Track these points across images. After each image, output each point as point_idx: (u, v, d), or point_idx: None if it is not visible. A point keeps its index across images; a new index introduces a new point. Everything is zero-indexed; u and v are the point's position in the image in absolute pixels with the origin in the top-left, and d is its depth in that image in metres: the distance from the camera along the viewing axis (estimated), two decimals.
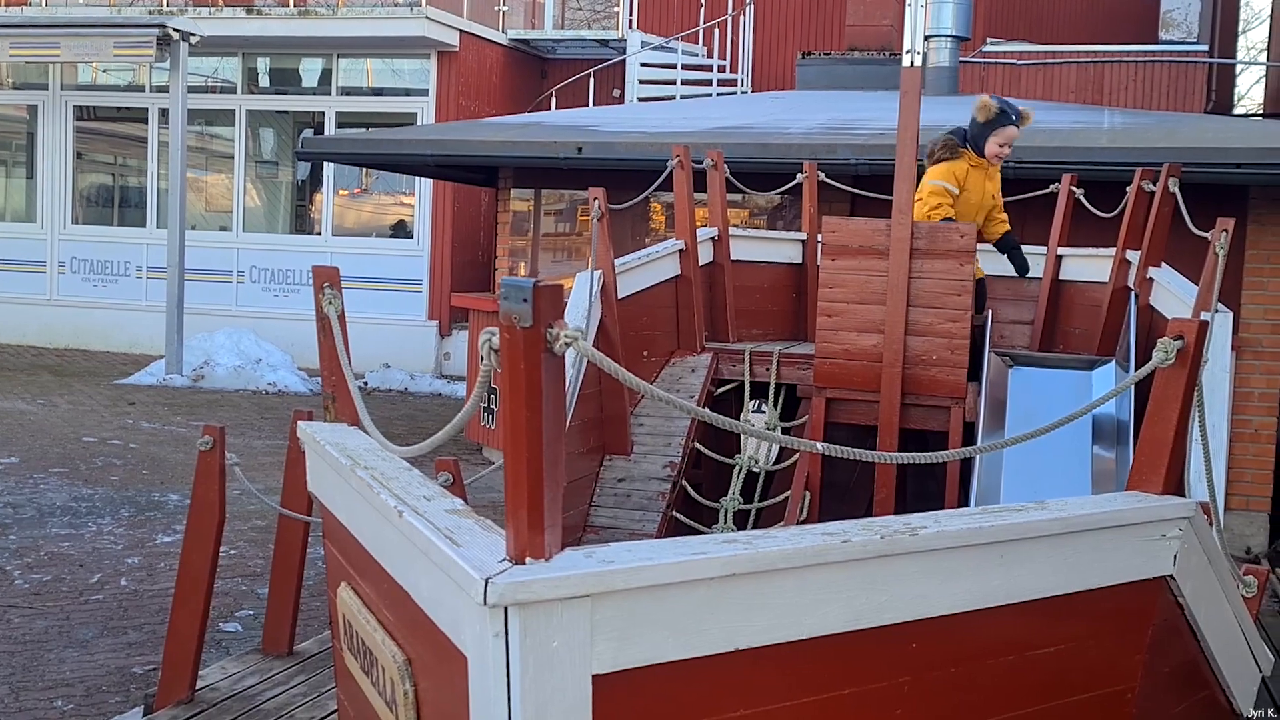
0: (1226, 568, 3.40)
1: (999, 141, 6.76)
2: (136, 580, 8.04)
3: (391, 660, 2.71)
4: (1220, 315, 5.66)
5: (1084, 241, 7.85)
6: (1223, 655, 3.50)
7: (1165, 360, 3.00)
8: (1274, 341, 10.35)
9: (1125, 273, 6.98)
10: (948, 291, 6.38)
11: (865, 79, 15.05)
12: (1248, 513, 10.23)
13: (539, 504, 2.16)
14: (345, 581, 3.17)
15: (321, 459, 3.38)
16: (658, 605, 2.24)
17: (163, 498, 10.22)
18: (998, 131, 6.75)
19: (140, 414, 14.16)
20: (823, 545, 2.43)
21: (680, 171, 7.27)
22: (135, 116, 20.26)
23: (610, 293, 6.44)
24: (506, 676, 2.12)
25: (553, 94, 19.63)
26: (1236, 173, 9.76)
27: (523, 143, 12.09)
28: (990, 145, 6.76)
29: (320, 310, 3.66)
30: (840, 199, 9.94)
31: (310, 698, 5.47)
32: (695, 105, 16.10)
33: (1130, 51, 17.85)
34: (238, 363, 16.80)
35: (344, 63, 19.40)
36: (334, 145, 15.14)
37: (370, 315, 17.72)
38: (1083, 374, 6.66)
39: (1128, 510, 2.95)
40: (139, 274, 19.62)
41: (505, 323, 2.14)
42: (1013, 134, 6.77)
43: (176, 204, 16.65)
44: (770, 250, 8.29)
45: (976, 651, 2.76)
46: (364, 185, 19.86)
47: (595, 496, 6.52)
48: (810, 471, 6.63)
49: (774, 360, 7.11)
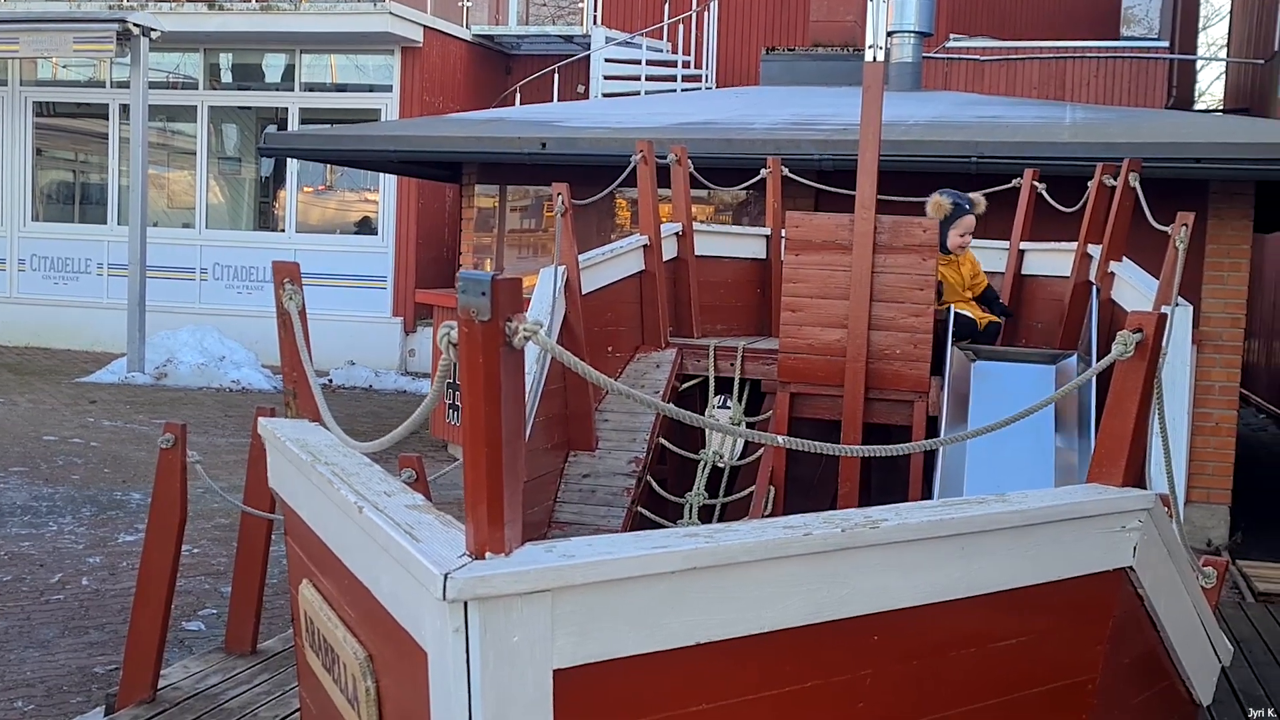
0: (1186, 559, 3.42)
1: (958, 233, 7.02)
2: (98, 580, 7.99)
3: (353, 657, 2.69)
4: (1180, 309, 5.69)
5: (1046, 236, 7.89)
6: (1182, 646, 3.52)
7: (1125, 353, 3.02)
8: (1234, 335, 10.44)
9: (1087, 267, 7.02)
10: (911, 286, 6.41)
11: (829, 75, 15.08)
12: (1209, 505, 10.31)
13: (499, 498, 2.15)
14: (307, 578, 3.15)
15: (282, 455, 3.36)
16: (619, 599, 2.23)
17: (125, 496, 10.15)
18: (955, 224, 7.00)
19: (102, 412, 14.06)
20: (784, 538, 2.43)
21: (644, 167, 7.27)
22: (96, 112, 20.11)
23: (574, 288, 6.43)
24: (467, 672, 2.11)
25: (517, 90, 19.59)
26: (1197, 168, 9.84)
27: (487, 139, 12.05)
28: (951, 238, 6.99)
29: (281, 305, 3.63)
30: (804, 194, 9.96)
31: (274, 696, 5.45)
32: (660, 101, 16.10)
33: (1092, 48, 17.96)
34: (201, 360, 16.70)
35: (307, 58, 19.30)
36: (297, 141, 15.06)
37: (335, 312, 17.66)
38: (1045, 368, 6.70)
39: (1087, 502, 2.96)
40: (100, 271, 19.48)
41: (464, 316, 2.13)
42: (970, 223, 7.04)
43: (138, 201, 16.53)
44: (734, 245, 8.30)
45: (938, 644, 2.77)
46: (328, 182, 19.77)
47: (560, 493, 6.51)
48: (774, 466, 6.64)
49: (738, 355, 7.11)
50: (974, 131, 10.87)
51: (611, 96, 18.11)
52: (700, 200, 11.95)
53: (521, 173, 12.56)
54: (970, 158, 10.16)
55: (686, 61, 19.62)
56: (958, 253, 7.05)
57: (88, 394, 15.21)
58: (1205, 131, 10.88)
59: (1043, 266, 7.67)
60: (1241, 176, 10.11)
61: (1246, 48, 23.93)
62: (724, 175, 9.40)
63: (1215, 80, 35.21)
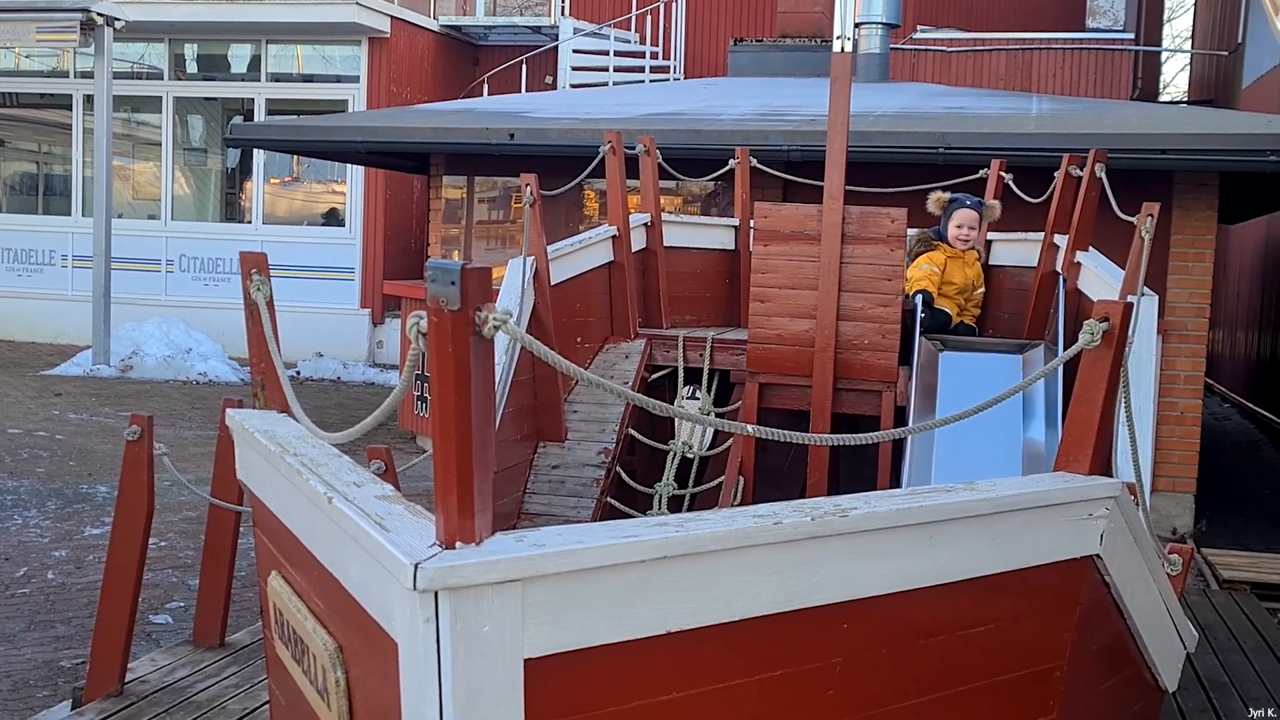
0: (1152, 547, 3.45)
1: (955, 224, 7.12)
2: (64, 573, 7.93)
3: (323, 648, 2.68)
4: (1146, 299, 5.73)
5: (1012, 226, 7.92)
6: (1148, 632, 3.55)
7: (1091, 342, 3.03)
8: (1199, 325, 10.51)
9: (1053, 257, 7.05)
10: (879, 276, 6.43)
11: (797, 65, 15.11)
12: (1174, 494, 10.39)
13: (469, 488, 2.15)
14: (276, 570, 3.14)
15: (250, 447, 3.35)
16: (589, 588, 2.23)
17: (91, 490, 10.08)
18: (952, 216, 7.12)
19: (67, 405, 13.96)
20: (754, 527, 2.44)
21: (613, 157, 7.25)
22: (59, 103, 19.94)
23: (543, 279, 6.41)
24: (437, 662, 2.11)
25: (485, 81, 19.54)
26: (1162, 159, 9.90)
27: (454, 129, 12.02)
28: (950, 230, 7.12)
29: (248, 297, 3.61)
30: (772, 185, 9.97)
31: (243, 689, 5.43)
32: (628, 92, 16.08)
33: (1058, 39, 18.05)
34: (167, 353, 16.60)
35: (273, 49, 19.19)
36: (264, 132, 14.97)
37: (302, 304, 17.57)
38: (1012, 357, 6.73)
39: (1054, 491, 2.98)
40: (65, 263, 19.34)
41: (433, 306, 2.12)
42: (967, 215, 7.11)
43: (103, 192, 16.39)
44: (703, 236, 8.30)
45: (907, 631, 2.78)
46: (295, 173, 19.68)
47: (529, 484, 6.50)
48: (744, 456, 6.65)
49: (707, 346, 7.12)
50: (941, 122, 10.91)
51: (580, 87, 18.09)
52: (669, 191, 11.95)
53: (489, 164, 12.52)
54: (937, 148, 10.20)
55: (654, 52, 19.62)
56: (956, 244, 7.11)
57: (53, 387, 15.10)
58: (1170, 123, 10.94)
59: (1009, 257, 7.71)
60: (1206, 167, 10.18)
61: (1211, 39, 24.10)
62: (692, 166, 9.40)
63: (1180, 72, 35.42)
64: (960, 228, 7.11)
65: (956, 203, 7.15)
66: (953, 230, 7.12)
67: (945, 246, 7.13)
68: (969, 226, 7.12)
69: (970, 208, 7.13)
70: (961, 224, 7.11)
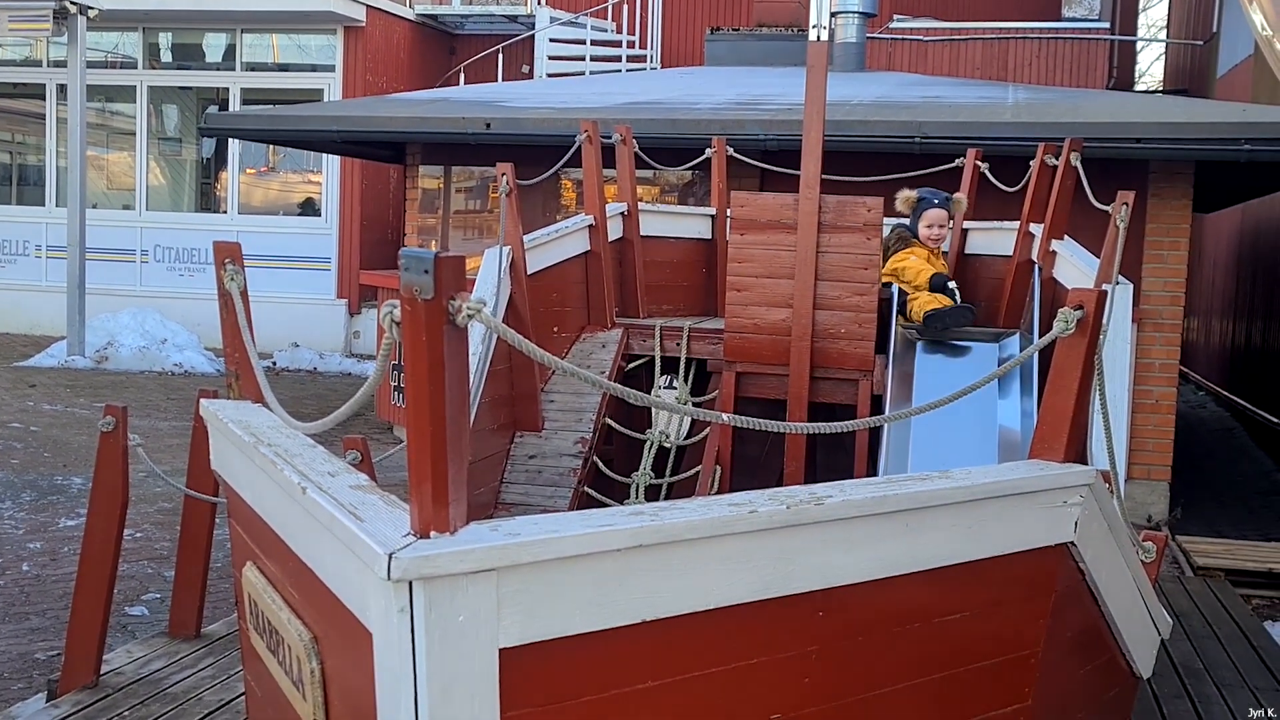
0: (1126, 534, 3.46)
1: (926, 224, 7.20)
2: (39, 565, 7.89)
3: (298, 639, 2.67)
4: (1121, 287, 5.74)
5: (988, 215, 7.94)
6: (1123, 619, 3.56)
7: (1066, 330, 3.04)
8: (1174, 314, 10.56)
9: (1029, 246, 7.07)
10: (855, 265, 6.43)
11: (773, 55, 15.11)
12: (1149, 482, 10.44)
13: (443, 477, 2.14)
14: (250, 561, 3.12)
15: (225, 437, 3.33)
16: (565, 578, 2.23)
17: (66, 481, 10.03)
18: (922, 216, 7.19)
19: (41, 396, 13.88)
20: (730, 516, 2.43)
21: (589, 146, 7.24)
22: (32, 93, 19.82)
23: (519, 268, 6.40)
24: (412, 652, 2.10)
25: (461, 70, 19.50)
26: (1137, 148, 9.93)
27: (430, 119, 11.98)
28: (921, 230, 7.20)
29: (222, 286, 3.59)
30: (749, 174, 9.97)
31: (219, 680, 5.41)
32: (605, 81, 16.04)
33: (1034, 29, 18.09)
34: (142, 343, 16.52)
35: (249, 38, 19.10)
36: (239, 121, 14.89)
37: (278, 294, 17.51)
38: (988, 346, 6.74)
39: (1029, 478, 2.98)
40: (38, 254, 19.23)
41: (406, 295, 2.11)
42: (937, 214, 7.19)
43: (76, 182, 16.30)
44: (680, 225, 8.29)
45: (883, 619, 2.78)
46: (271, 163, 19.60)
47: (506, 474, 6.49)
48: (720, 446, 6.66)
49: (684, 335, 7.11)
50: (917, 112, 10.92)
51: (556, 77, 18.05)
52: (646, 181, 11.94)
53: (466, 153, 12.49)
54: (914, 138, 10.21)
55: (631, 42, 19.60)
56: (928, 243, 7.19)
57: (27, 378, 15.01)
58: (1145, 112, 10.98)
59: (985, 245, 7.72)
60: (1181, 156, 10.22)
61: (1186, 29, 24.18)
62: (669, 155, 9.39)
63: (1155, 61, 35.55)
64: (931, 227, 7.20)
65: (925, 202, 7.23)
66: (924, 230, 7.20)
67: (919, 243, 7.20)
68: (939, 225, 7.22)
69: (939, 206, 7.21)
70: (932, 224, 7.19)
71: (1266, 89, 14.40)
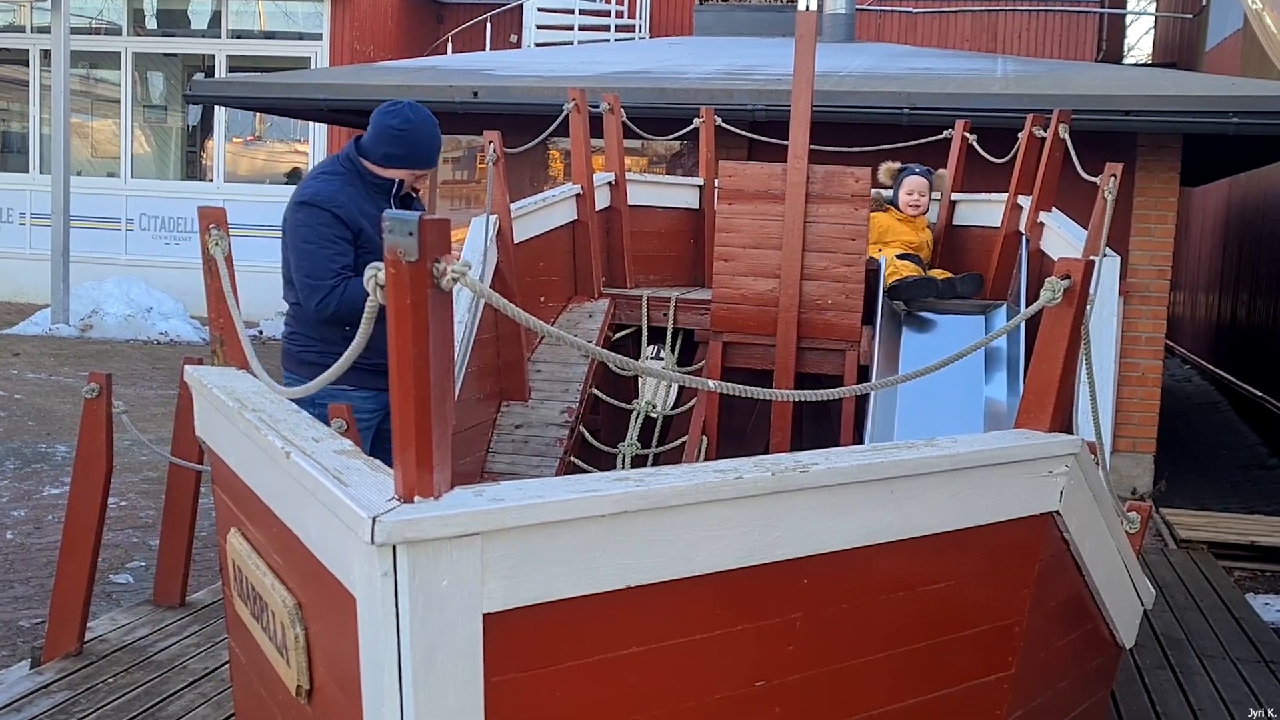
0: (1111, 504, 3.46)
1: (905, 191, 7.45)
2: (23, 534, 7.87)
3: (281, 605, 2.66)
4: (1108, 259, 5.75)
5: (976, 187, 7.94)
6: (1107, 589, 3.57)
7: (1053, 299, 3.04)
8: (1160, 287, 10.58)
9: (1017, 217, 7.07)
10: (843, 236, 6.43)
11: (762, 25, 15.07)
12: (1135, 454, 10.48)
13: (427, 441, 2.13)
14: (235, 527, 3.11)
15: (209, 403, 3.31)
16: (549, 543, 2.22)
17: (50, 449, 10.00)
18: (903, 184, 7.45)
19: (25, 364, 13.83)
20: (715, 482, 2.43)
21: (577, 115, 7.21)
22: (16, 59, 19.67)
23: (506, 237, 6.38)
24: (396, 616, 2.09)
25: (449, 39, 19.40)
26: (1125, 120, 9.93)
27: (417, 87, 11.91)
28: (900, 197, 7.46)
29: (206, 252, 3.57)
30: (737, 144, 9.95)
31: (203, 648, 5.41)
32: (593, 50, 15.98)
33: (1023, 1, 18.04)
34: (128, 312, 16.45)
35: (235, 5, 18.97)
36: (225, 89, 14.79)
37: (265, 263, 17.33)
38: (975, 318, 6.75)
39: (1015, 447, 2.98)
40: (22, 221, 19.12)
41: (390, 257, 2.09)
42: (917, 182, 7.44)
43: (60, 149, 16.18)
44: (667, 195, 8.27)
45: (868, 587, 2.78)
46: (258, 132, 19.50)
47: (492, 443, 6.49)
48: (707, 415, 6.67)
49: (671, 305, 7.11)
50: (906, 83, 10.89)
51: (544, 46, 17.97)
52: (634, 151, 11.90)
53: (453, 122, 12.40)
54: (902, 108, 10.19)
55: (620, 11, 19.51)
56: (908, 210, 7.40)
57: (11, 346, 14.95)
58: (1134, 84, 10.97)
59: (973, 217, 7.72)
60: (1169, 129, 10.22)
61: (1175, 2, 24.14)
62: (657, 125, 9.36)
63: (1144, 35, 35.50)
64: (910, 194, 7.41)
65: (906, 170, 7.49)
66: (903, 197, 7.41)
67: (895, 210, 7.40)
68: (919, 193, 7.41)
69: (920, 174, 7.43)
70: (911, 190, 7.41)
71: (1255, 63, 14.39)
